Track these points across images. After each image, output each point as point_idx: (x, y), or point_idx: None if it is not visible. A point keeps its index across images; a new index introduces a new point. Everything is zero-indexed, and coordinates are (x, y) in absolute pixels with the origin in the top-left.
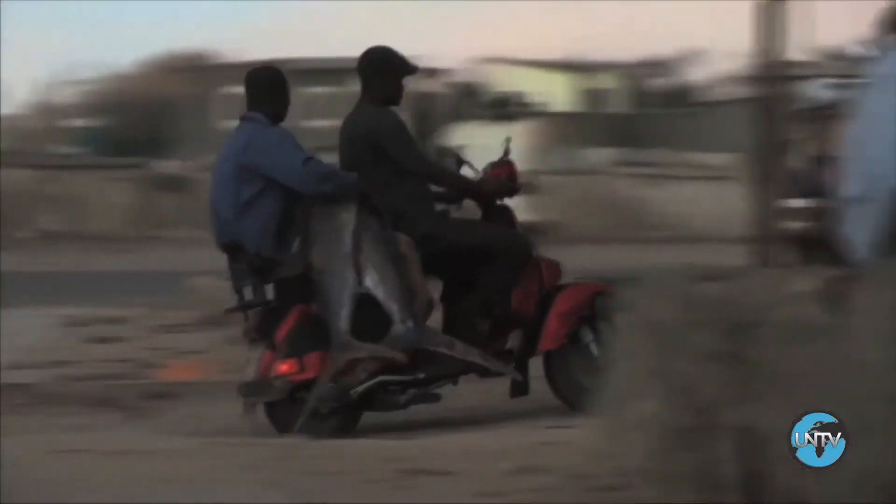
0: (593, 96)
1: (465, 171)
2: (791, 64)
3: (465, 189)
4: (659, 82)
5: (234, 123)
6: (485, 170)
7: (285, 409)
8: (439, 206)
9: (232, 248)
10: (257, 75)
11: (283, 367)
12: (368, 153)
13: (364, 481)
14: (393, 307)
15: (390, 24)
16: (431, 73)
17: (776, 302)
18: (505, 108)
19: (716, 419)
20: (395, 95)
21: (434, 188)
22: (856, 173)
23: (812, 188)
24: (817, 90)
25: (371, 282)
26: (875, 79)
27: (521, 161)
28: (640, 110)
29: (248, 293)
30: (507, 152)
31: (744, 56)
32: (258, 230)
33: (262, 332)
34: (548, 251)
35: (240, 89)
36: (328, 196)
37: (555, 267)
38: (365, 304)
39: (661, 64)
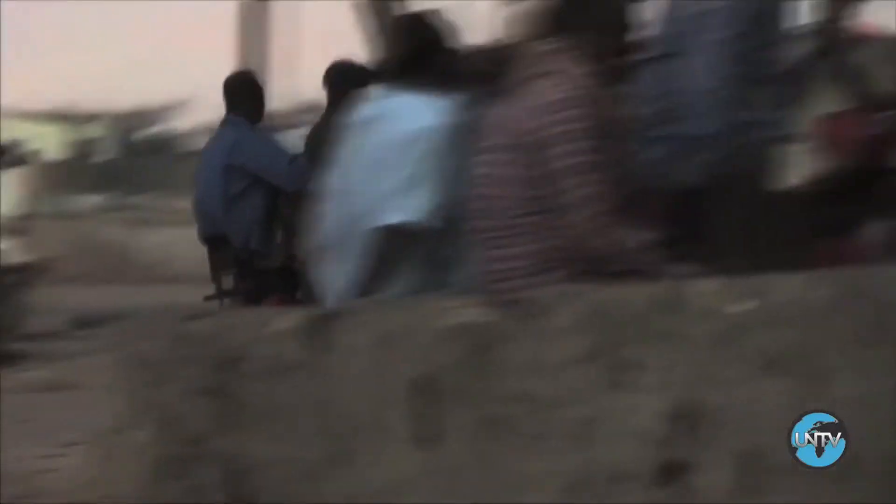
0: (83, 145)
1: None
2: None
3: None
4: (146, 131)
5: None
6: None
7: None
8: None
9: (216, 241)
10: (236, 80)
11: None
12: None
13: None
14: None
15: None
16: None
17: (258, 339)
18: None
19: (203, 449)
20: None
21: None
22: (333, 217)
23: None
24: (296, 139)
25: None
26: (355, 124)
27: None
28: (127, 158)
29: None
30: None
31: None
32: (245, 224)
33: None
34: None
35: None
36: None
37: None
38: None
39: (149, 113)
